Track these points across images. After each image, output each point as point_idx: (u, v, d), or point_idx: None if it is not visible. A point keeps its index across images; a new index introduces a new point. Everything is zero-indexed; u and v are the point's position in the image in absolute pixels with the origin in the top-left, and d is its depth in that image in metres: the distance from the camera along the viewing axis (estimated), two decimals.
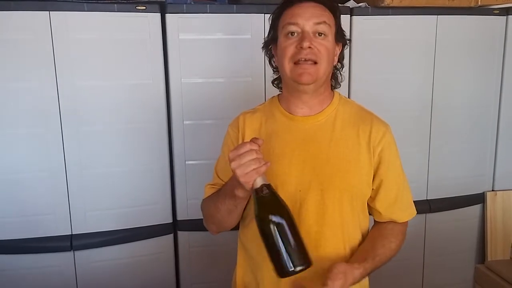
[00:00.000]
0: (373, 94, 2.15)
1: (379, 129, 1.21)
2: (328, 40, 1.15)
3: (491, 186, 2.52)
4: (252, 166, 1.00)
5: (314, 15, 1.13)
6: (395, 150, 1.24)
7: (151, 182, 2.05)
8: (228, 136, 1.30)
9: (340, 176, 1.18)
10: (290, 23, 1.14)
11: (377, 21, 2.13)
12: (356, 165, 1.19)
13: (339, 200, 1.18)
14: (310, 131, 1.21)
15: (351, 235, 1.21)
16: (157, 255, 2.13)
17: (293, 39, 1.14)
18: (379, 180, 1.22)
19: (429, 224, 2.43)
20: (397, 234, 1.25)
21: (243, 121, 1.27)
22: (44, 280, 1.98)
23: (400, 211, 1.26)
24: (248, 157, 1.01)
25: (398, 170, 1.25)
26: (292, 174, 1.18)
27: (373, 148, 1.20)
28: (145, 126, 2.00)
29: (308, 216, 1.17)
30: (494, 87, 2.40)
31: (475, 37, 2.29)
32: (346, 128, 1.21)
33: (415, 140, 2.32)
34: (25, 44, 1.81)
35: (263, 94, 2.05)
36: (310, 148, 1.19)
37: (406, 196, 1.27)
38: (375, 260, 1.16)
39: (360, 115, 1.24)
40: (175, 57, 1.97)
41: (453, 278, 2.53)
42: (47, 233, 1.96)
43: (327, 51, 1.15)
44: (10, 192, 1.91)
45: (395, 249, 1.22)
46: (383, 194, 1.23)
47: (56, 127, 1.89)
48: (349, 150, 1.19)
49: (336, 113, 1.23)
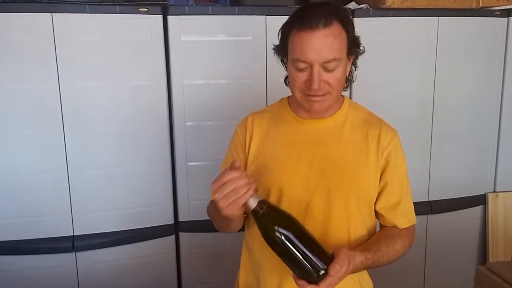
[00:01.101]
0: (375, 95, 2.16)
1: (387, 133, 1.22)
2: (339, 71, 1.11)
3: (493, 187, 2.52)
4: (231, 198, 0.98)
5: (324, 49, 1.07)
6: (402, 155, 1.25)
7: (153, 183, 2.06)
8: (236, 136, 1.30)
9: (348, 178, 1.18)
10: (299, 59, 1.10)
11: (379, 23, 2.14)
12: (363, 168, 1.19)
13: (345, 202, 1.18)
14: (318, 134, 1.21)
15: (357, 238, 1.21)
16: (158, 256, 2.13)
17: (302, 73, 1.11)
18: (383, 182, 1.22)
19: (430, 225, 2.43)
20: (403, 237, 1.24)
21: (251, 121, 1.27)
22: (46, 281, 1.99)
23: (402, 216, 1.26)
24: (228, 188, 0.98)
25: (403, 176, 1.25)
26: (299, 174, 1.18)
27: (381, 151, 1.20)
28: (147, 127, 2.00)
29: (313, 218, 1.18)
30: (495, 89, 2.40)
31: (477, 39, 2.29)
32: (354, 131, 1.22)
33: (417, 142, 2.32)
34: (27, 45, 1.81)
35: (264, 95, 2.05)
36: (318, 150, 1.19)
37: (408, 202, 1.27)
38: (376, 254, 1.14)
39: (369, 120, 1.25)
40: (177, 59, 1.98)
41: (454, 279, 2.53)
42: (49, 234, 1.97)
43: (338, 81, 1.13)
44: (12, 193, 1.92)
45: (399, 250, 1.21)
46: (386, 196, 1.23)
47: (58, 128, 1.90)
48: (357, 153, 1.19)
49: (345, 117, 1.23)
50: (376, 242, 1.20)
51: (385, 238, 1.22)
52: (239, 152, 1.27)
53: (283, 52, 1.18)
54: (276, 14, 1.98)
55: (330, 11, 1.09)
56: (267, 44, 2.01)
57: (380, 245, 1.18)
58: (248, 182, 0.99)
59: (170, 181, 2.08)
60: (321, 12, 1.07)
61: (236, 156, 1.27)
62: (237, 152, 1.27)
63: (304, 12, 1.10)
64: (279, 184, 1.19)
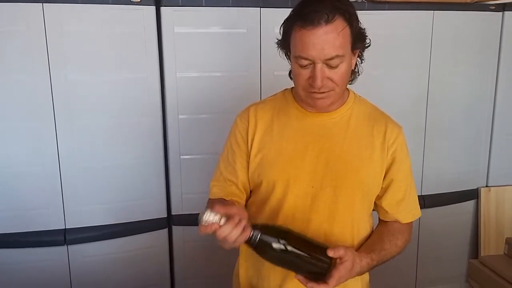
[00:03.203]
0: (368, 89, 2.11)
1: (393, 130, 1.22)
2: (342, 66, 1.09)
3: (485, 182, 2.53)
4: (230, 244, 0.99)
5: (326, 46, 1.04)
6: (407, 151, 1.25)
7: (146, 177, 2.04)
8: (236, 127, 1.25)
9: (353, 174, 1.17)
10: (301, 57, 1.07)
11: (374, 16, 2.12)
12: (369, 164, 1.19)
13: (351, 198, 1.18)
14: (324, 127, 1.19)
15: (360, 234, 1.22)
16: (151, 250, 2.12)
17: (305, 69, 1.09)
18: (389, 179, 1.22)
19: (423, 220, 2.43)
20: (403, 232, 1.25)
21: (254, 113, 1.23)
22: (38, 274, 1.98)
23: (405, 212, 1.26)
24: (225, 242, 0.99)
25: (407, 171, 1.26)
26: (305, 169, 1.17)
27: (387, 147, 1.20)
28: (140, 120, 1.99)
29: (319, 213, 1.17)
30: (489, 83, 2.40)
31: (471, 33, 2.29)
32: (360, 127, 1.20)
33: (410, 136, 2.27)
34: (17, 36, 1.78)
35: (258, 88, 2.04)
36: (324, 144, 1.18)
37: (412, 197, 1.28)
38: (381, 254, 1.16)
39: (374, 115, 1.24)
40: (170, 51, 1.96)
41: (446, 272, 2.55)
42: (40, 227, 1.95)
43: (342, 77, 1.10)
44: (4, 186, 1.90)
45: (400, 246, 1.23)
46: (391, 193, 1.23)
47: (49, 121, 1.88)
48: (362, 149, 1.19)
49: (351, 112, 1.22)
50: (379, 241, 1.20)
51: (387, 235, 1.23)
52: (240, 144, 1.23)
53: (286, 46, 1.15)
54: (270, 6, 1.97)
55: (333, 6, 1.04)
56: (261, 37, 1.99)
57: (383, 243, 1.19)
58: (241, 228, 0.98)
59: (163, 175, 2.07)
60: (323, 7, 1.03)
61: (237, 149, 1.23)
62: (237, 144, 1.24)
63: (305, 7, 1.06)
64: (284, 179, 1.17)
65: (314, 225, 1.17)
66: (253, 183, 1.24)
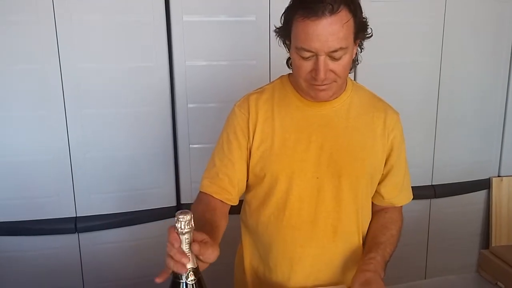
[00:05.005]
0: (379, 79, 2.12)
1: (392, 116, 1.22)
2: (345, 58, 1.06)
3: (497, 171, 2.50)
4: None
5: (330, 38, 1.01)
6: (403, 137, 1.25)
7: (155, 165, 2.05)
8: (235, 118, 1.20)
9: (358, 163, 1.17)
10: (303, 48, 1.04)
11: (385, 3, 2.09)
12: (371, 152, 1.18)
13: (355, 187, 1.18)
14: (326, 117, 1.18)
15: (364, 222, 1.24)
16: (161, 238, 2.12)
17: (307, 61, 1.06)
18: (389, 166, 1.22)
19: (433, 209, 2.42)
20: (396, 221, 1.27)
21: (255, 104, 1.19)
22: (49, 262, 2.00)
23: (402, 196, 1.29)
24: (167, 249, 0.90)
25: (404, 156, 1.27)
26: (309, 160, 1.16)
27: (387, 134, 1.20)
28: (149, 109, 1.99)
29: (325, 203, 1.17)
30: (502, 71, 2.36)
31: (484, 20, 2.24)
32: (360, 115, 1.19)
33: (421, 125, 2.30)
34: (27, 25, 1.79)
35: (267, 77, 2.03)
36: (327, 134, 1.16)
37: (407, 181, 1.30)
38: (385, 251, 1.18)
39: (372, 102, 1.23)
40: (179, 39, 1.95)
41: (457, 262, 2.53)
42: (51, 215, 1.97)
43: (344, 69, 1.08)
44: (15, 174, 1.92)
45: (396, 235, 1.24)
46: (391, 179, 1.24)
47: (60, 110, 1.89)
48: (364, 138, 1.18)
49: (350, 99, 1.20)
50: (386, 241, 1.21)
51: (381, 229, 1.24)
52: (239, 136, 1.19)
53: (286, 35, 1.12)
54: None
55: None
56: (270, 25, 1.97)
57: (385, 243, 1.20)
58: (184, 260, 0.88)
59: (172, 163, 2.08)
60: None
61: (235, 141, 1.19)
62: (235, 135, 1.19)
63: None
64: (289, 171, 1.16)
65: (322, 216, 1.17)
66: (254, 177, 1.21)
